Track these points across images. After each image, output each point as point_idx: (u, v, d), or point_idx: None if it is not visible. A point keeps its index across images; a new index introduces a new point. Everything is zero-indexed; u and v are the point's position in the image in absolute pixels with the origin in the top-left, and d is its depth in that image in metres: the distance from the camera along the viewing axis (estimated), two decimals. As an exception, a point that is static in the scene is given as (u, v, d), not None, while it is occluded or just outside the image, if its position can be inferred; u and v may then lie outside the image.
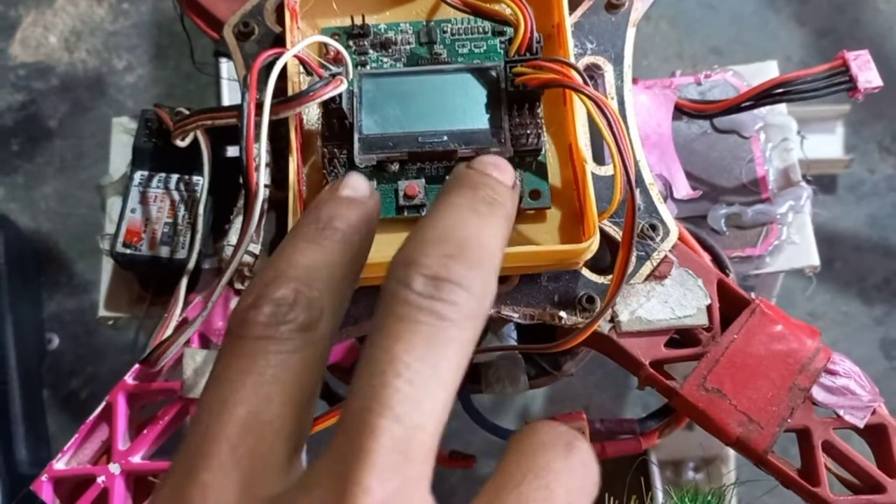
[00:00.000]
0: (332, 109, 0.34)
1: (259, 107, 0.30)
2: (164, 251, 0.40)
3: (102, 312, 0.44)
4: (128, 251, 0.40)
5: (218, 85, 0.60)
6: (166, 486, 0.20)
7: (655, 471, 0.70)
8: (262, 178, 0.31)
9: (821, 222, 0.75)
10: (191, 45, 0.45)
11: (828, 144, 0.79)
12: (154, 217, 0.41)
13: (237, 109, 0.31)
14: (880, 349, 0.76)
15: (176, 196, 0.41)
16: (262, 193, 0.31)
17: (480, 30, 0.37)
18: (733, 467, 0.68)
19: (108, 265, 0.44)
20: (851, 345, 0.75)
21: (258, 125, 0.30)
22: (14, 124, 0.83)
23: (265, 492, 0.20)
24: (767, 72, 0.46)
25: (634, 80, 0.44)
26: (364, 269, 0.25)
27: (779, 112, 0.45)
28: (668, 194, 0.40)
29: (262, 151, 0.31)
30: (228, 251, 0.35)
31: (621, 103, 0.37)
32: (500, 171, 0.26)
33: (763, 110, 0.44)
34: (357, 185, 0.27)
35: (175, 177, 0.41)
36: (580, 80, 0.31)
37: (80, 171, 0.81)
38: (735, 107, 0.40)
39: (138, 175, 0.41)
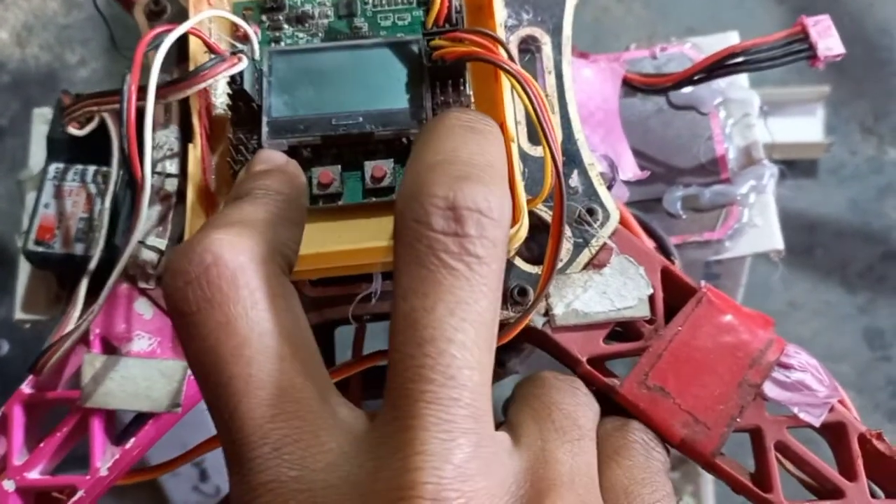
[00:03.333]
0: (236, 92, 0.31)
1: (143, 90, 0.28)
2: (79, 248, 0.37)
3: (19, 315, 0.41)
4: (40, 249, 0.38)
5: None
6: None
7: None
8: (149, 167, 0.28)
9: (801, 208, 0.73)
10: (109, 28, 0.42)
11: (807, 127, 0.76)
12: (69, 212, 0.38)
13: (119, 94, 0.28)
14: (863, 339, 0.73)
15: (93, 189, 0.38)
16: (150, 185, 0.28)
17: (404, 0, 0.34)
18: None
19: (25, 265, 0.42)
20: (833, 335, 0.72)
21: (143, 110, 0.28)
22: (-36, 123, 0.81)
23: None
24: (728, 43, 0.43)
25: (585, 55, 0.41)
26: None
27: (740, 86, 0.42)
28: (615, 175, 0.37)
29: (147, 138, 0.28)
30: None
31: (559, 77, 0.34)
32: None
33: (722, 84, 0.41)
34: (269, 158, 0.27)
35: (92, 169, 0.38)
36: (503, 54, 0.29)
37: (22, 173, 0.78)
38: (687, 79, 0.37)
39: (53, 168, 0.39)
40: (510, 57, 0.29)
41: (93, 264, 0.34)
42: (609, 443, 0.24)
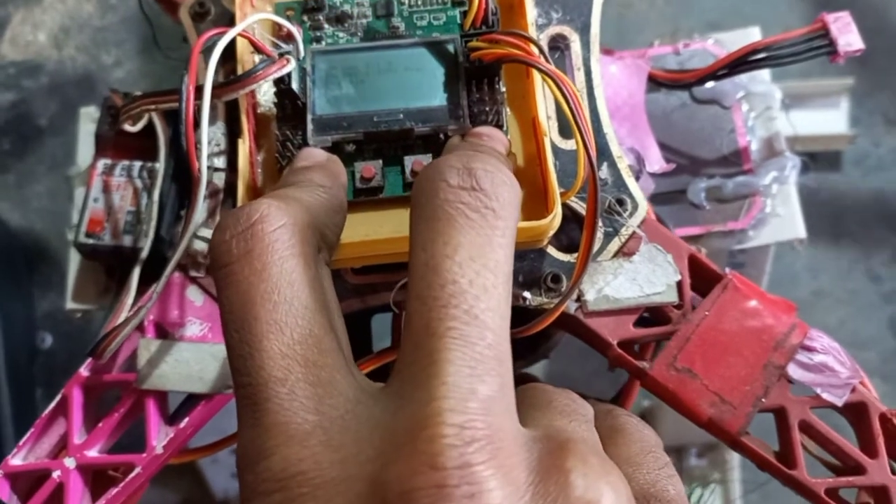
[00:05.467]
0: (283, 90, 0.33)
1: (199, 90, 0.29)
2: (127, 240, 0.39)
3: (70, 305, 0.43)
4: (90, 241, 0.39)
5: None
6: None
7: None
8: (205, 163, 0.30)
9: (826, 198, 0.73)
10: (153, 29, 0.44)
11: (832, 119, 0.77)
12: (117, 206, 0.40)
13: (178, 93, 0.30)
14: (888, 328, 0.73)
15: (139, 184, 0.40)
16: (206, 179, 0.30)
17: (439, 0, 0.36)
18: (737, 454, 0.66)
19: (75, 256, 0.44)
20: (859, 323, 0.73)
21: (199, 109, 0.29)
22: (5, 123, 0.83)
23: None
24: (750, 38, 0.44)
25: (610, 52, 0.42)
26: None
27: (761, 80, 0.43)
28: (641, 168, 0.38)
29: (203, 135, 0.30)
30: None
31: (588, 74, 0.36)
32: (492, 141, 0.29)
33: (744, 78, 0.42)
34: (310, 155, 0.29)
35: (138, 164, 0.40)
36: (538, 55, 0.30)
37: (71, 169, 0.80)
38: (711, 75, 0.38)
39: (101, 163, 0.41)
40: (545, 57, 0.30)
41: (144, 254, 0.36)
42: (601, 432, 0.24)
